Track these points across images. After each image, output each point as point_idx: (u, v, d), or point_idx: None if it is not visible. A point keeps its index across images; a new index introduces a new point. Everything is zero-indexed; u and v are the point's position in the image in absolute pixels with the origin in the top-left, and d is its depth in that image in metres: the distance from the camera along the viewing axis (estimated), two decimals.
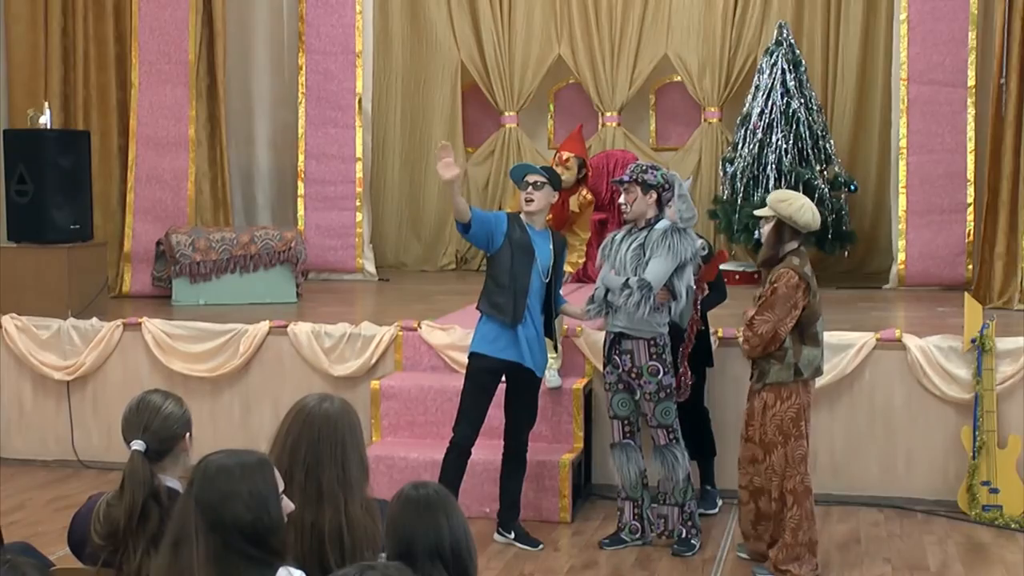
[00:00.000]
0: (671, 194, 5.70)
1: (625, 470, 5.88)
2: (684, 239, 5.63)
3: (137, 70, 9.40)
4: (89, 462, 7.58)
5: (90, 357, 7.64)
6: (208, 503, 2.56)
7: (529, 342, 5.75)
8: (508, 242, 5.67)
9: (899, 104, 9.23)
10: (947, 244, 9.12)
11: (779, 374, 5.35)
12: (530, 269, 5.68)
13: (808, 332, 5.36)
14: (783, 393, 5.36)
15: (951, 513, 6.48)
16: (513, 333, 5.71)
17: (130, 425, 3.22)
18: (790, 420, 5.37)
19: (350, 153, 10.21)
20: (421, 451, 6.51)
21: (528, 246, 5.70)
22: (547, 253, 5.78)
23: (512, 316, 5.66)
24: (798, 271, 5.32)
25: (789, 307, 5.27)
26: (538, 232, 5.79)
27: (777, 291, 5.29)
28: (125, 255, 9.41)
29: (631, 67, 11.00)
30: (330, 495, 3.00)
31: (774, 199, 5.45)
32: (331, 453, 3.02)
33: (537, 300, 5.76)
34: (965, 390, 6.53)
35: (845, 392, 6.74)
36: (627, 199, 5.73)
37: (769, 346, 5.33)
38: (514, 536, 5.96)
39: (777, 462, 5.41)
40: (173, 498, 3.11)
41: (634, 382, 5.75)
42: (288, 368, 7.40)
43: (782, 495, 5.43)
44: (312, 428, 3.05)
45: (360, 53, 10.18)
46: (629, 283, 5.57)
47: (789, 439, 5.38)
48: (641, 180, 5.70)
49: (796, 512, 5.40)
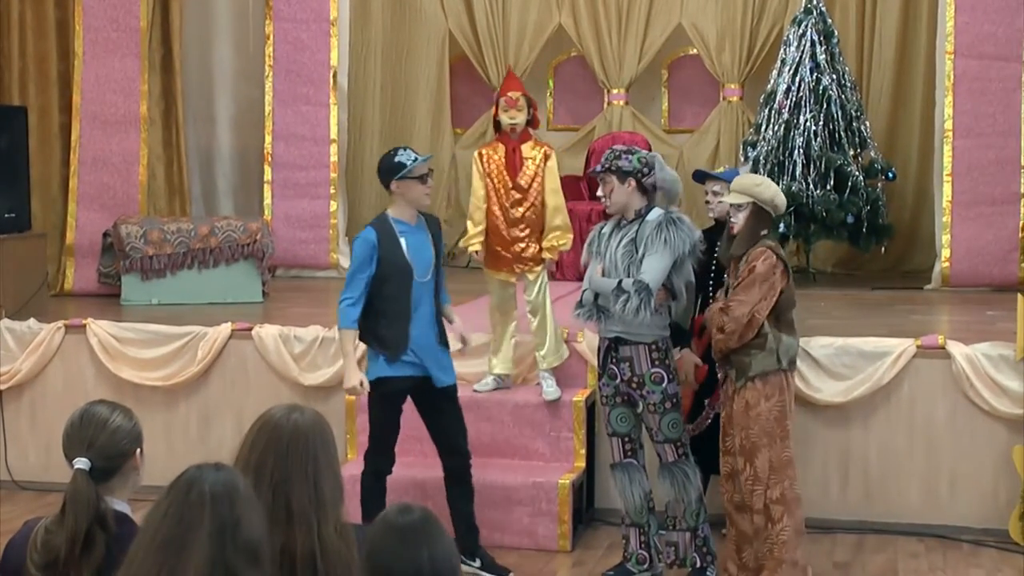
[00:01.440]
0: (652, 178, 5.68)
1: (628, 493, 5.87)
2: (681, 230, 5.61)
3: (81, 38, 9.38)
4: (25, 483, 7.56)
5: (27, 363, 7.62)
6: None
7: (427, 351, 5.81)
8: (381, 263, 5.73)
9: (944, 81, 9.24)
10: (997, 239, 9.12)
11: (763, 362, 5.43)
12: (409, 286, 5.76)
13: (784, 319, 5.50)
14: (767, 389, 5.44)
15: (1001, 543, 6.47)
16: (414, 353, 5.82)
17: (72, 441, 3.20)
18: (775, 419, 5.44)
19: (323, 134, 10.20)
20: (401, 470, 6.49)
21: (402, 261, 5.74)
22: (425, 249, 5.82)
23: (395, 349, 5.77)
24: (776, 251, 5.46)
25: (766, 289, 5.39)
26: (413, 228, 5.83)
27: (755, 270, 5.39)
28: (67, 248, 9.39)
29: (641, 38, 10.99)
30: (301, 516, 2.99)
31: (747, 184, 5.58)
32: (302, 469, 3.01)
33: (428, 304, 5.84)
34: (1017, 404, 6.53)
35: (881, 405, 6.74)
36: (604, 191, 5.72)
37: (746, 333, 5.40)
38: (480, 565, 5.97)
39: (761, 468, 5.45)
40: (121, 523, 3.10)
41: (635, 393, 5.74)
42: (253, 376, 7.39)
43: (766, 506, 5.45)
44: (280, 441, 3.04)
45: (335, 21, 10.17)
46: (623, 286, 5.53)
47: (775, 441, 5.44)
48: (616, 168, 5.68)
49: (786, 523, 5.42)
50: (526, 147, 6.61)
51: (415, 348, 5.78)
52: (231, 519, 2.61)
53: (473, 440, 6.44)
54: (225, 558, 2.58)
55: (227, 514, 2.61)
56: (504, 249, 6.63)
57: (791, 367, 5.56)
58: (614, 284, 5.57)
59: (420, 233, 5.84)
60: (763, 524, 5.47)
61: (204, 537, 2.58)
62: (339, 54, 10.22)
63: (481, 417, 6.75)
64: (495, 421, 6.76)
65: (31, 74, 9.50)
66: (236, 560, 2.59)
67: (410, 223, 5.82)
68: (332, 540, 3.01)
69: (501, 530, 6.47)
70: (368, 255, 5.73)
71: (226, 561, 2.58)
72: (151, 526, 2.63)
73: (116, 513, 3.14)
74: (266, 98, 10.24)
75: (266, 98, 10.24)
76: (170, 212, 9.83)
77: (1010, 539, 6.46)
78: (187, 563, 2.57)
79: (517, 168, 6.59)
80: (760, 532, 5.48)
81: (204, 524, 2.59)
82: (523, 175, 6.59)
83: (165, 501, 2.63)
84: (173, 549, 2.59)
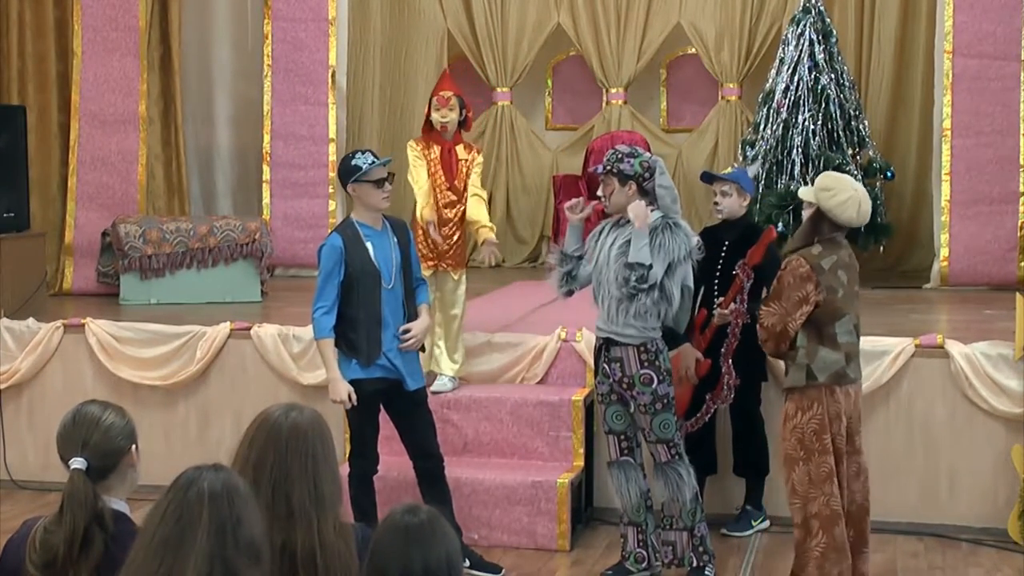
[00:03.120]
0: (653, 183, 5.70)
1: (625, 491, 5.87)
2: (676, 236, 5.60)
3: (80, 37, 9.38)
4: (23, 482, 7.55)
5: (25, 363, 7.61)
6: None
7: (399, 355, 5.81)
8: (348, 268, 5.72)
9: (943, 80, 9.24)
10: (996, 238, 9.12)
11: (792, 377, 5.31)
12: (378, 291, 5.75)
13: (826, 332, 5.28)
14: (803, 402, 5.30)
15: (1000, 542, 6.46)
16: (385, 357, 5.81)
17: (67, 441, 3.21)
18: (812, 433, 5.30)
19: (322, 133, 10.19)
20: (401, 470, 6.49)
21: (371, 267, 5.73)
22: (391, 254, 5.79)
23: (367, 355, 5.77)
24: (810, 260, 5.23)
25: (798, 300, 5.20)
26: (379, 232, 5.81)
27: (782, 280, 5.25)
28: (66, 247, 9.38)
29: (639, 37, 11.00)
30: (301, 513, 3.01)
31: (820, 186, 5.36)
32: (301, 467, 3.03)
33: (397, 308, 5.81)
34: (1016, 403, 6.53)
35: (880, 405, 6.74)
36: (604, 191, 5.75)
37: (780, 343, 5.28)
38: (470, 564, 5.96)
39: (799, 481, 5.34)
40: (119, 522, 3.10)
41: (626, 393, 5.75)
42: (251, 376, 7.38)
43: (805, 520, 5.38)
44: (279, 440, 3.05)
45: (334, 20, 10.16)
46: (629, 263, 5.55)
47: (812, 455, 5.31)
48: (617, 171, 5.69)
49: (822, 540, 5.36)
50: (460, 148, 6.61)
51: (388, 352, 5.77)
52: (230, 518, 2.61)
53: (472, 439, 6.45)
54: (224, 557, 2.58)
55: (226, 513, 2.62)
56: (429, 248, 6.58)
57: (836, 381, 5.30)
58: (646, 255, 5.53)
59: (385, 237, 5.83)
60: (802, 537, 5.37)
61: (203, 536, 2.59)
62: (338, 53, 10.22)
63: (480, 416, 6.75)
64: (494, 420, 6.75)
65: (30, 73, 9.50)
66: (236, 559, 2.59)
67: (374, 227, 5.81)
68: (332, 538, 3.02)
69: (500, 529, 6.46)
70: (336, 262, 5.71)
71: (226, 560, 2.58)
72: (151, 526, 2.63)
73: (114, 512, 3.15)
74: (265, 97, 10.24)
75: (265, 97, 10.24)
76: (169, 211, 9.82)
77: (1009, 538, 6.45)
78: (186, 562, 2.57)
79: (453, 169, 6.59)
80: (799, 546, 5.40)
81: (203, 523, 2.59)
82: (459, 177, 6.59)
83: (164, 501, 2.64)
84: (172, 548, 2.59)
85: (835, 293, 5.26)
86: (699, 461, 6.20)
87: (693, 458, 5.91)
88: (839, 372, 5.30)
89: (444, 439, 6.72)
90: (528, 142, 11.35)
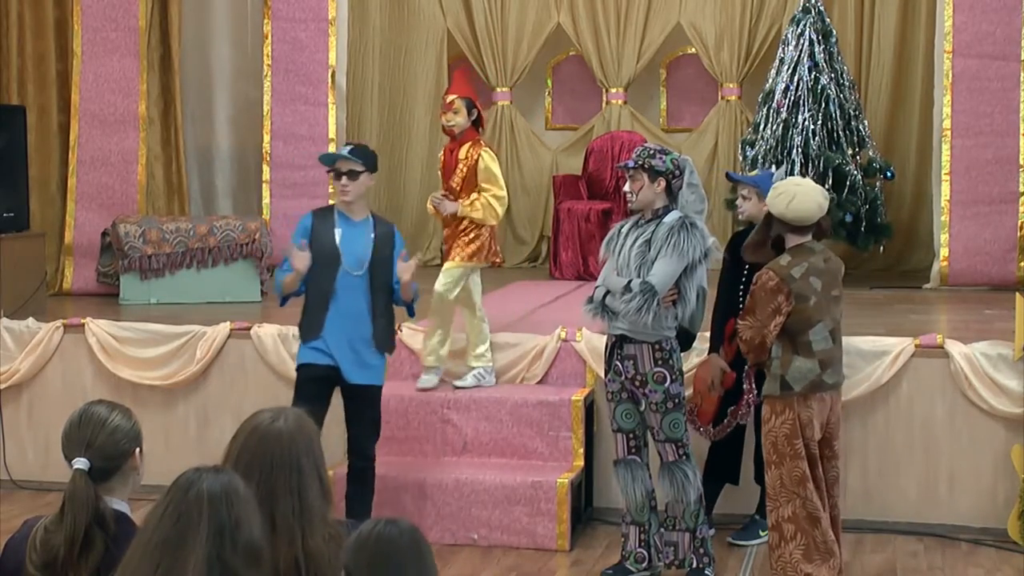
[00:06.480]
0: (681, 181, 5.71)
1: (630, 490, 5.87)
2: (693, 236, 5.62)
3: (80, 37, 9.37)
4: (23, 482, 7.55)
5: (25, 363, 7.61)
6: None
7: (340, 344, 5.83)
8: (312, 245, 5.80)
9: (943, 80, 9.23)
10: (996, 238, 9.12)
11: (767, 387, 5.42)
12: (334, 274, 5.81)
13: (800, 340, 5.35)
14: (777, 406, 5.40)
15: (1000, 542, 6.46)
16: (325, 342, 5.86)
17: (71, 441, 3.20)
18: (784, 437, 5.37)
19: (322, 133, 10.18)
20: (402, 470, 6.50)
21: (331, 247, 5.80)
22: (363, 245, 5.84)
23: (307, 334, 5.86)
24: (779, 272, 5.31)
25: (771, 311, 5.29)
26: (355, 223, 5.89)
27: (755, 295, 5.34)
28: (66, 247, 9.38)
29: (639, 38, 10.99)
30: (285, 528, 2.98)
31: (771, 192, 5.50)
32: (286, 483, 3.01)
33: (358, 300, 5.84)
34: (1016, 403, 6.53)
35: (880, 405, 6.74)
36: (632, 187, 5.74)
37: (760, 355, 5.38)
38: None
39: (772, 485, 5.43)
40: (120, 522, 3.10)
41: (638, 391, 5.75)
42: (251, 376, 7.39)
43: (777, 524, 5.42)
44: (266, 454, 3.03)
45: (333, 20, 10.15)
46: (631, 286, 5.57)
47: (784, 459, 5.38)
48: (648, 166, 5.70)
49: (801, 542, 5.34)
50: (464, 148, 6.65)
51: (327, 337, 5.81)
52: (229, 520, 2.61)
53: (472, 439, 6.45)
54: (224, 559, 2.58)
55: (225, 515, 2.61)
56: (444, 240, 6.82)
57: (812, 390, 5.34)
58: (624, 283, 5.60)
59: (360, 229, 5.88)
60: (775, 542, 5.42)
61: (202, 537, 2.58)
62: (337, 54, 10.20)
63: (480, 416, 6.75)
64: (494, 420, 6.75)
65: (30, 73, 9.50)
66: (235, 561, 2.59)
67: (352, 217, 5.90)
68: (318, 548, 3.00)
69: (500, 529, 6.46)
70: (300, 234, 5.87)
71: (224, 562, 2.58)
72: (149, 527, 2.63)
73: (115, 513, 3.14)
74: (264, 97, 10.22)
75: (264, 97, 10.22)
76: (169, 211, 9.82)
77: (1009, 538, 6.45)
78: (185, 563, 2.57)
79: (451, 170, 6.67)
80: (771, 551, 5.45)
81: (202, 525, 2.59)
82: (455, 177, 6.66)
83: (164, 502, 2.64)
84: (170, 549, 2.59)
85: (806, 301, 5.32)
86: (722, 470, 6.20)
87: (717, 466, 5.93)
88: (815, 381, 5.37)
89: (444, 439, 6.74)
90: (528, 142, 11.35)
